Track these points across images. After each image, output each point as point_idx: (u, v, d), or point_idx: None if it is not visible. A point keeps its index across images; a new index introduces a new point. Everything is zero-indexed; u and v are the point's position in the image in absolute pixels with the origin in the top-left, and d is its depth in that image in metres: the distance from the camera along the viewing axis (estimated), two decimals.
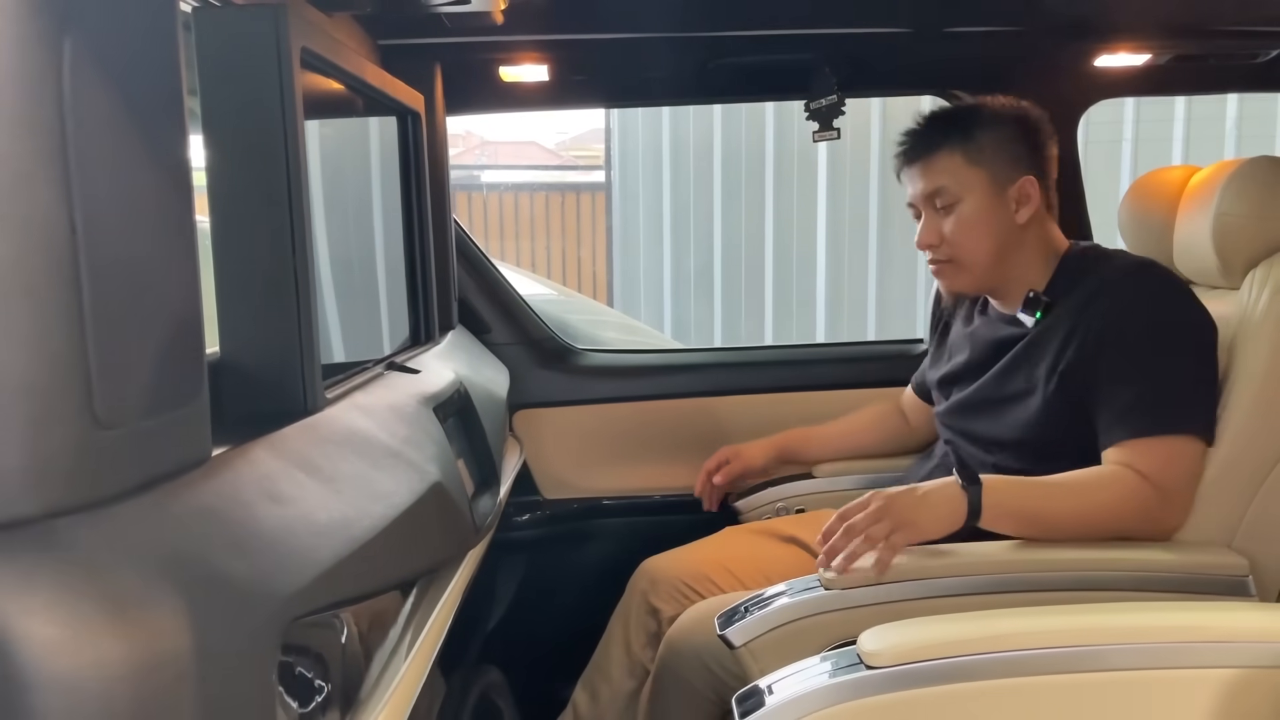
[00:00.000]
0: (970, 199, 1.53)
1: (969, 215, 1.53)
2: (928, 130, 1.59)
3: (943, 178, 1.54)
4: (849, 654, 1.16)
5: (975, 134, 1.54)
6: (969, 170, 1.53)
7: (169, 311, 0.69)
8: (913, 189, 1.58)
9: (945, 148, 1.54)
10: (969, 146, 1.53)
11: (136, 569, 0.61)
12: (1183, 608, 1.22)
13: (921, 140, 1.58)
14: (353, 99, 1.33)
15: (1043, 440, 1.46)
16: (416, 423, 1.14)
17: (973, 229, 1.53)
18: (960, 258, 1.55)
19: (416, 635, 1.05)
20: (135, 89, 0.66)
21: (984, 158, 1.53)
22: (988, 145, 1.53)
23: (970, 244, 1.54)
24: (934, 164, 1.55)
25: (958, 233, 1.54)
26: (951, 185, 1.53)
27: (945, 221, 1.55)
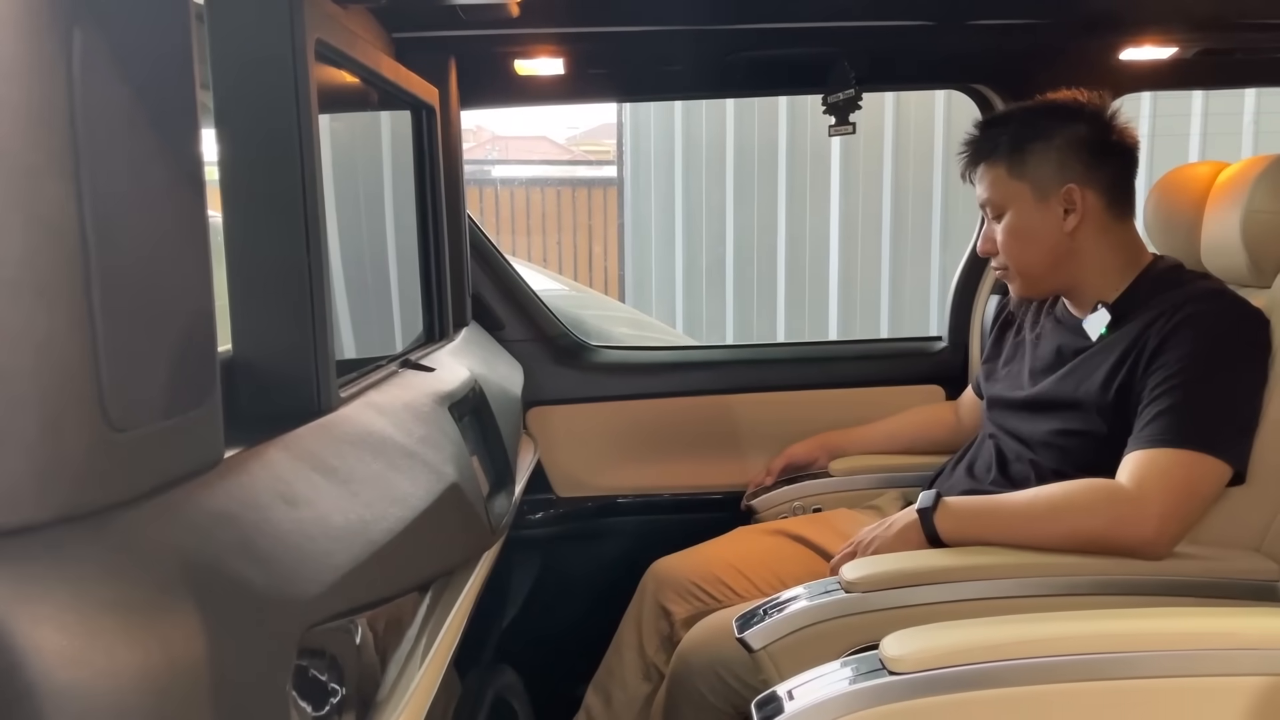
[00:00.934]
0: (1014, 211, 1.53)
1: (1014, 227, 1.54)
2: (977, 140, 1.60)
3: (988, 190, 1.55)
4: (871, 659, 1.13)
5: (1022, 144, 1.52)
6: (1011, 183, 1.53)
7: (181, 310, 0.67)
8: (976, 197, 1.61)
9: (990, 160, 1.55)
10: (1013, 158, 1.52)
11: (149, 575, 0.59)
12: (1214, 613, 1.19)
13: (971, 151, 1.60)
14: (367, 92, 1.31)
15: (1086, 448, 1.44)
16: (433, 421, 1.13)
17: (1019, 240, 1.54)
18: (1013, 266, 1.56)
19: (433, 637, 1.03)
20: (147, 81, 0.64)
21: (1027, 169, 1.51)
22: (1032, 155, 1.51)
23: (1019, 254, 1.55)
24: (983, 176, 1.56)
25: (1007, 243, 1.55)
26: (996, 197, 1.55)
27: (998, 231, 1.56)
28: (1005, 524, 1.37)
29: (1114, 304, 1.49)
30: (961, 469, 1.64)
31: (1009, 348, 1.71)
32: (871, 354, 2.33)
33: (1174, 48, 1.90)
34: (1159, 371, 1.36)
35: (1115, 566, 1.31)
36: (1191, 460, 1.30)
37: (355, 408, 1.00)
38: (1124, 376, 1.40)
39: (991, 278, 2.14)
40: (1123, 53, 1.92)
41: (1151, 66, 1.96)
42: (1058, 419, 1.49)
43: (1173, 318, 1.38)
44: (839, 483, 1.93)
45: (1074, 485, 1.35)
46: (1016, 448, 1.54)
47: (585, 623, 1.92)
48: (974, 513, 1.40)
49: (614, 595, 1.84)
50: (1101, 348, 1.47)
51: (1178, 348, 1.36)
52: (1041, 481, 1.45)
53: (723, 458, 2.15)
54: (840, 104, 1.93)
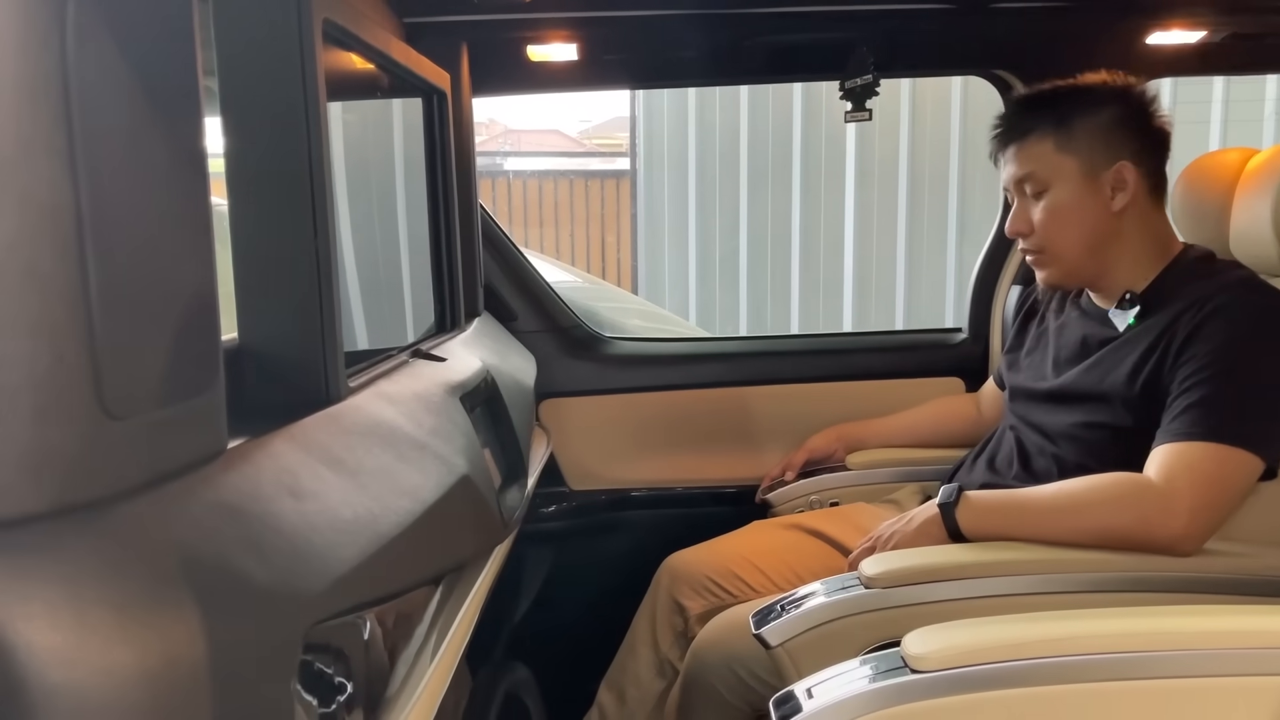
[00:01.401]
0: (1060, 187, 1.47)
1: (1058, 204, 1.47)
2: (1019, 113, 1.52)
3: (1032, 163, 1.47)
4: (892, 656, 1.10)
5: (1069, 118, 1.46)
6: (1059, 157, 1.46)
7: (182, 295, 0.65)
8: (1005, 173, 1.53)
9: (1036, 132, 1.47)
10: (1061, 131, 1.46)
11: (147, 570, 0.57)
12: (1245, 611, 1.16)
13: (1013, 123, 1.52)
14: (377, 77, 1.28)
15: (1110, 441, 1.40)
16: (444, 413, 1.10)
17: (1062, 218, 1.47)
18: (1050, 248, 1.49)
19: (444, 632, 1.01)
20: (146, 56, 0.61)
21: (1077, 144, 1.45)
22: (1081, 130, 1.45)
23: (1060, 234, 1.48)
24: (1025, 149, 1.48)
25: (1047, 222, 1.48)
26: (1041, 172, 1.47)
27: (1035, 210, 1.49)
28: (1029, 519, 1.33)
29: (1143, 294, 1.45)
30: (982, 462, 1.61)
31: (1032, 337, 1.67)
32: (890, 346, 2.30)
33: (1202, 31, 1.86)
34: (1188, 364, 1.32)
35: (1143, 563, 1.27)
36: (1222, 454, 1.26)
37: (364, 398, 0.97)
38: (1151, 369, 1.36)
39: (1013, 268, 2.10)
40: (1150, 36, 1.88)
41: (1178, 51, 1.91)
42: (1081, 411, 1.45)
43: (1203, 309, 1.34)
44: (856, 476, 1.90)
45: (1100, 479, 1.31)
46: (1038, 440, 1.51)
47: (598, 618, 1.90)
48: (997, 507, 1.37)
49: (628, 590, 1.82)
50: (1128, 339, 1.43)
51: (1208, 339, 1.32)
52: (1064, 475, 1.42)
53: (737, 451, 2.13)
54: (858, 90, 1.90)
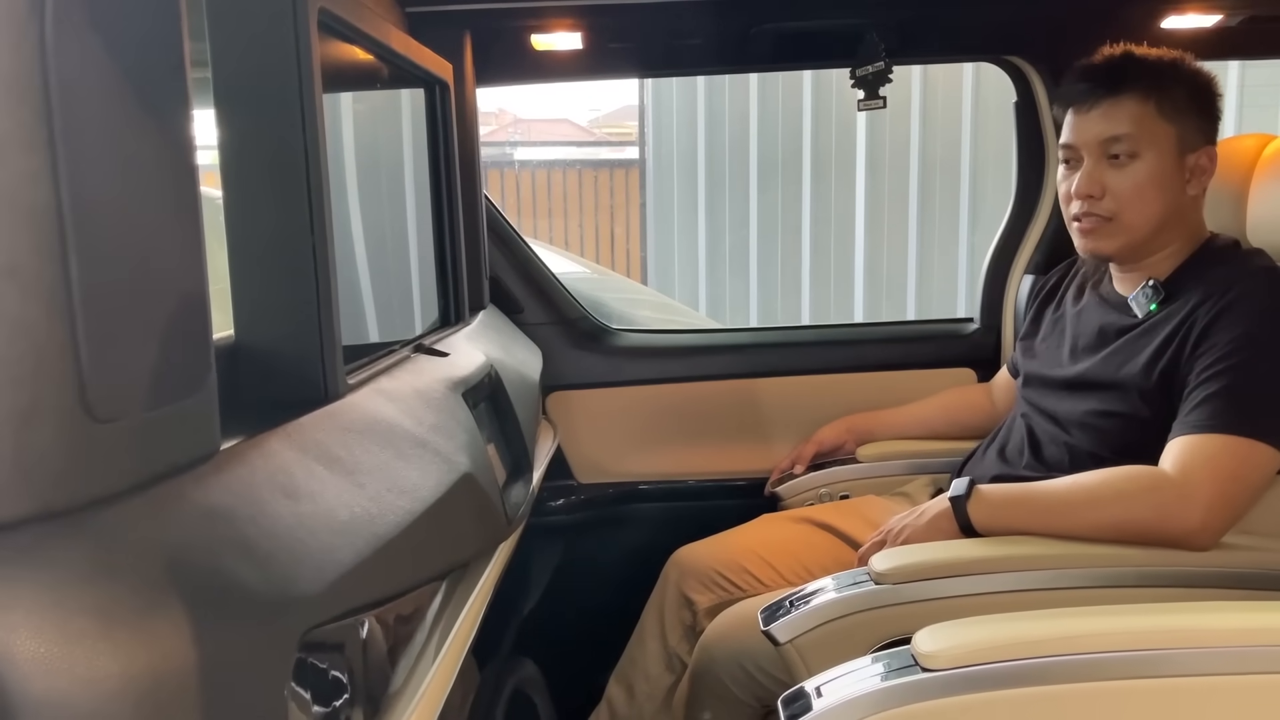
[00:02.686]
0: (1151, 156, 1.38)
1: (1145, 174, 1.39)
2: (1120, 68, 1.41)
3: (1129, 125, 1.38)
4: (903, 654, 1.08)
5: (1171, 86, 1.39)
6: (1159, 124, 1.38)
7: (171, 293, 0.63)
8: (1082, 132, 1.42)
9: (1138, 92, 1.38)
10: (1164, 97, 1.38)
11: (134, 576, 0.55)
12: (1264, 608, 1.13)
13: (1112, 78, 1.40)
14: (377, 68, 1.26)
15: (1124, 431, 1.38)
16: (445, 409, 1.08)
17: (1147, 189, 1.39)
18: (1124, 217, 1.40)
19: (449, 628, 1.00)
20: (130, 47, 0.60)
21: (1177, 115, 1.38)
22: (1182, 102, 1.39)
23: (1139, 205, 1.39)
24: (1121, 107, 1.38)
25: (1129, 189, 1.39)
26: (1137, 134, 1.38)
27: (1115, 175, 1.40)
28: (1043, 513, 1.31)
29: (1166, 280, 1.42)
30: (993, 453, 1.59)
31: (1047, 323, 1.64)
32: (901, 336, 2.27)
33: (1219, 15, 1.82)
34: (1207, 354, 1.29)
35: (1159, 558, 1.25)
36: (1240, 447, 1.24)
37: (363, 395, 0.96)
38: (1169, 359, 1.33)
39: (1026, 256, 2.07)
40: (1166, 20, 1.84)
41: (1194, 35, 1.88)
42: (1096, 399, 1.42)
43: (1222, 298, 1.31)
44: (867, 469, 1.88)
45: (1115, 472, 1.29)
46: (1050, 429, 1.48)
47: (607, 611, 1.89)
48: (1010, 501, 1.34)
49: (636, 584, 1.80)
50: (1147, 328, 1.40)
51: (1227, 330, 1.29)
52: (1077, 464, 1.39)
53: (747, 443, 2.11)
54: (869, 78, 1.87)
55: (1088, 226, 1.44)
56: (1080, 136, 1.43)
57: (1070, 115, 1.45)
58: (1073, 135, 1.44)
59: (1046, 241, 2.04)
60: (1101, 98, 1.40)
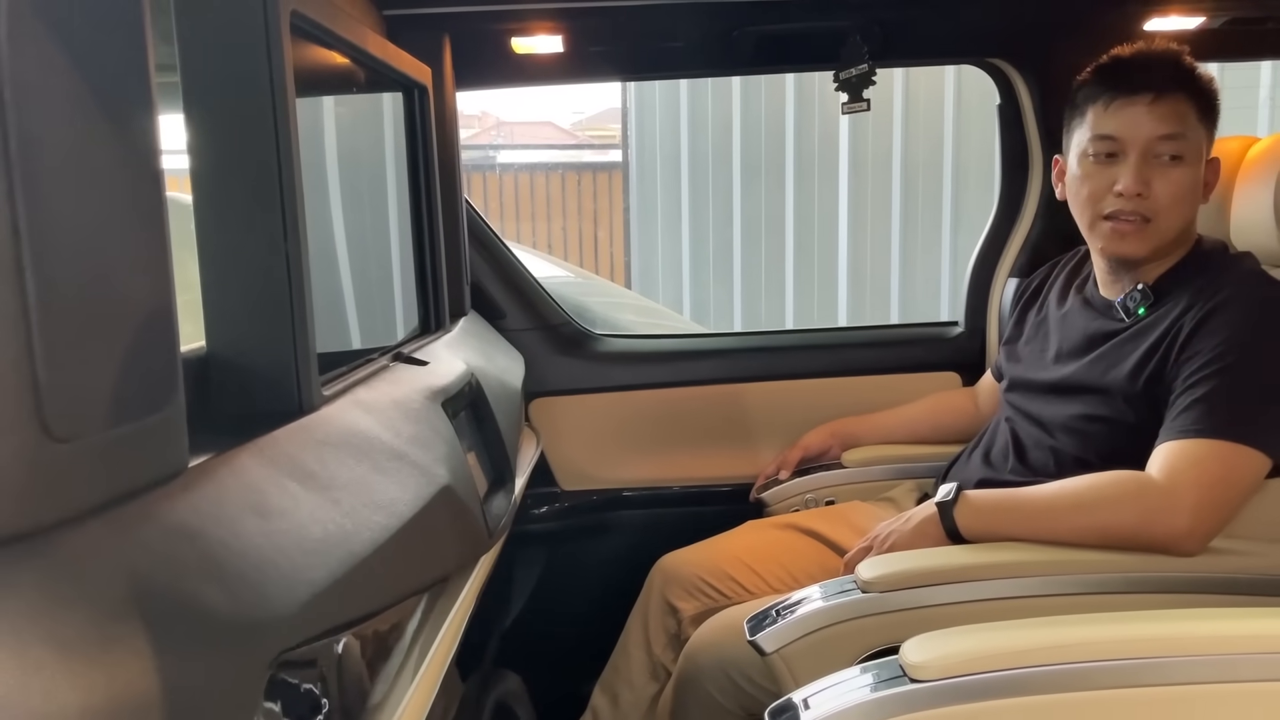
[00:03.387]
0: (1191, 161, 1.35)
1: (1187, 180, 1.35)
2: (1173, 65, 1.35)
3: (1180, 124, 1.32)
4: (891, 664, 1.07)
5: (1206, 92, 1.35)
6: (1199, 128, 1.35)
7: (135, 304, 0.61)
8: (1132, 125, 1.34)
9: (1180, 94, 1.33)
10: (1201, 102, 1.34)
11: (95, 603, 0.53)
12: (1254, 614, 1.12)
13: (1169, 74, 1.34)
14: (355, 71, 1.24)
15: (1110, 435, 1.37)
16: (424, 419, 1.06)
17: (1186, 195, 1.35)
18: (1160, 220, 1.34)
19: (430, 641, 0.98)
20: (91, 50, 0.57)
21: (1206, 122, 1.36)
22: (1208, 110, 1.36)
23: (1178, 210, 1.35)
24: (1176, 105, 1.33)
25: (1171, 193, 1.33)
26: (1185, 137, 1.33)
27: (1160, 175, 1.34)
28: (1029, 518, 1.30)
29: (1154, 284, 1.41)
30: (978, 457, 1.58)
31: (1031, 326, 1.63)
32: (885, 340, 2.26)
33: (1201, 17, 1.83)
34: (1193, 359, 1.29)
35: (1147, 563, 1.24)
36: (1226, 451, 1.23)
37: (339, 406, 0.93)
38: (1155, 365, 1.33)
39: (1010, 259, 2.06)
40: (1148, 22, 1.84)
41: (1178, 37, 1.87)
42: (1081, 404, 1.42)
43: (1207, 303, 1.31)
44: (852, 474, 1.87)
45: (1102, 477, 1.28)
46: (1035, 433, 1.47)
47: (591, 620, 1.87)
48: (996, 507, 1.33)
49: (621, 591, 1.79)
50: (1133, 333, 1.39)
51: (1213, 334, 1.28)
52: (1062, 468, 1.39)
53: (732, 449, 2.09)
54: (853, 80, 1.86)
55: (1125, 228, 1.37)
56: (1129, 130, 1.35)
57: (1114, 106, 1.36)
58: (1117, 127, 1.35)
59: (1030, 244, 2.03)
60: (1160, 93, 1.33)
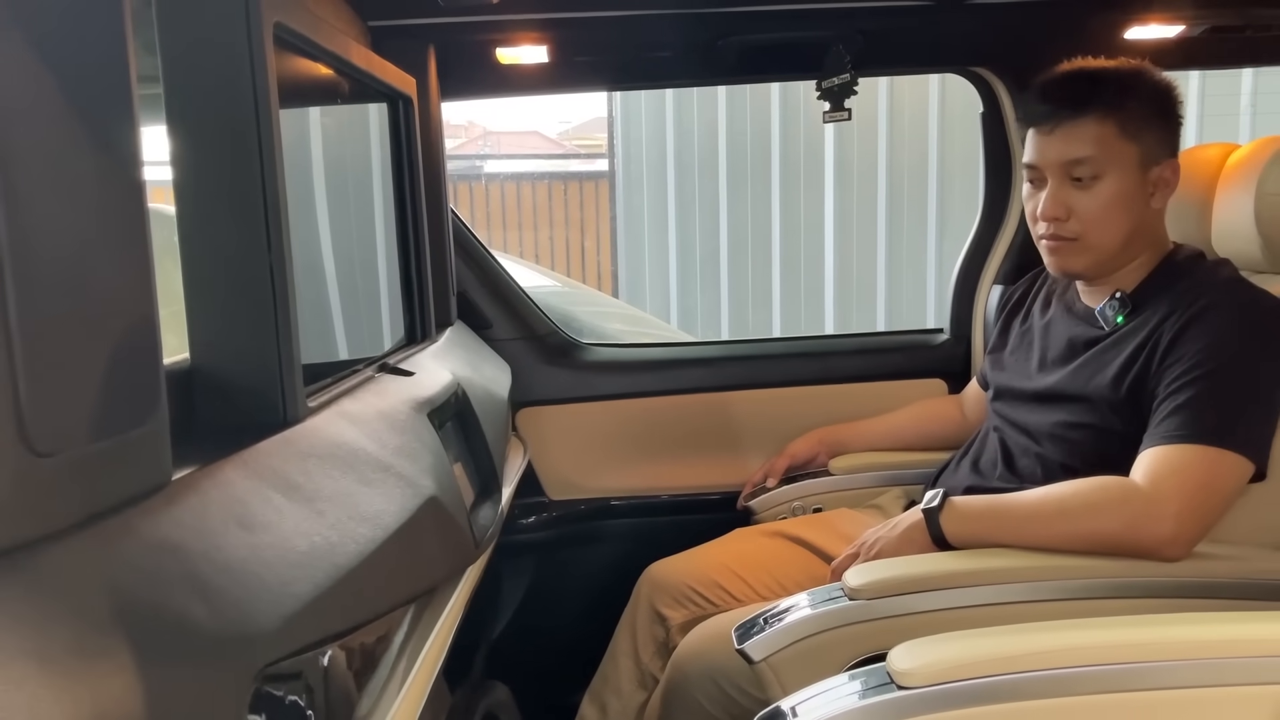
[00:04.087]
0: (1114, 175, 1.37)
1: (1110, 194, 1.38)
2: (1077, 90, 1.39)
3: (1090, 147, 1.36)
4: (879, 671, 1.07)
5: (1129, 103, 1.37)
6: (1120, 143, 1.37)
7: (118, 318, 0.61)
8: (1043, 153, 1.41)
9: (1096, 113, 1.36)
10: (1125, 117, 1.37)
11: (78, 618, 0.53)
12: (1239, 619, 1.13)
13: (1071, 100, 1.38)
14: (340, 81, 1.24)
15: (1095, 442, 1.38)
16: (410, 430, 1.06)
17: (1112, 209, 1.38)
18: (1089, 238, 1.39)
19: (416, 654, 0.97)
20: (72, 60, 0.57)
21: (1141, 132, 1.37)
22: (1141, 118, 1.38)
23: (1105, 225, 1.39)
24: (1081, 130, 1.37)
25: (1094, 210, 1.38)
26: (1099, 157, 1.36)
27: (1079, 196, 1.38)
28: (1015, 525, 1.31)
29: (1132, 292, 1.42)
30: (966, 465, 1.58)
31: (1015, 335, 1.64)
32: (871, 348, 2.27)
33: (1181, 25, 1.84)
34: (1175, 366, 1.29)
35: (1132, 569, 1.25)
36: (1210, 456, 1.24)
37: (325, 418, 0.93)
38: (1137, 372, 1.34)
39: (994, 267, 2.08)
40: (1128, 31, 1.86)
41: (1157, 45, 1.89)
42: (1066, 411, 1.43)
43: (1188, 310, 1.32)
44: (839, 481, 1.87)
45: (1086, 484, 1.29)
46: (1022, 441, 1.48)
47: (580, 629, 1.87)
48: (982, 513, 1.34)
49: (609, 600, 1.78)
50: (1115, 340, 1.40)
51: (1194, 341, 1.29)
52: (1049, 475, 1.39)
53: (719, 457, 2.10)
54: (835, 89, 1.87)
55: (1054, 246, 1.43)
56: (1042, 158, 1.41)
57: (1031, 135, 1.43)
58: (1035, 156, 1.43)
59: (1014, 252, 2.05)
60: (1063, 119, 1.38)
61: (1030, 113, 1.44)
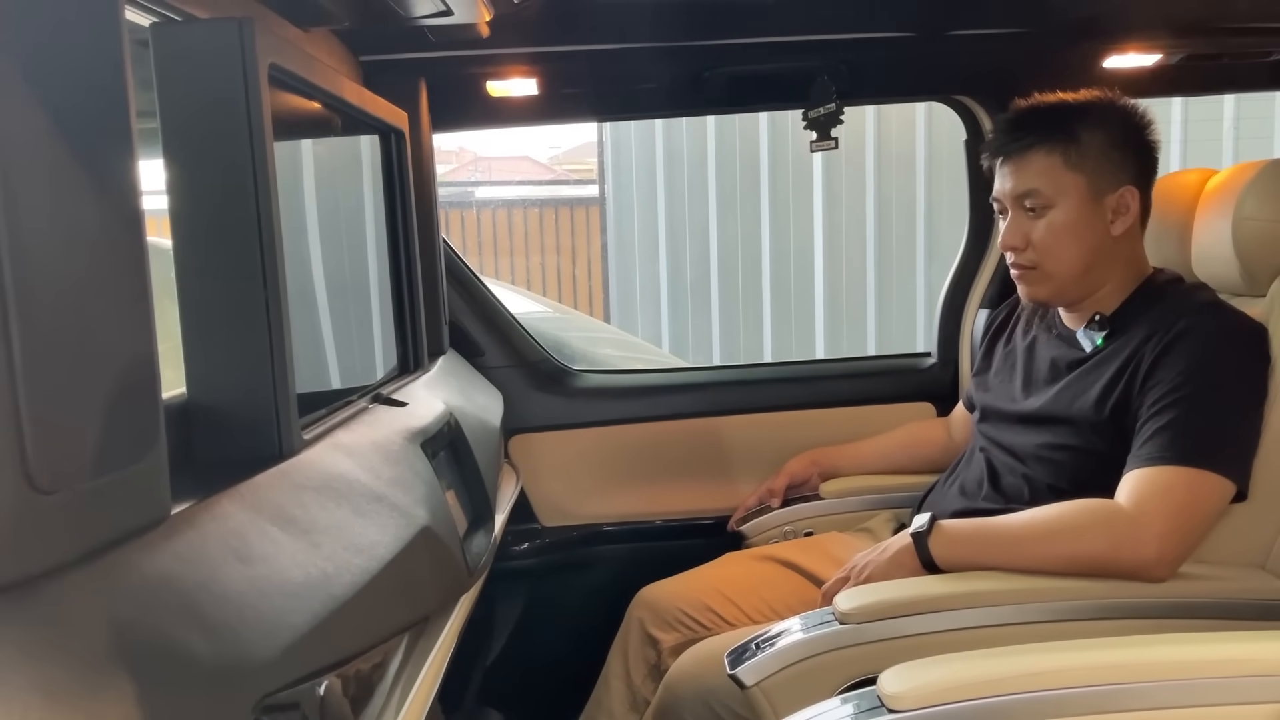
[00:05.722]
0: (1064, 205, 1.42)
1: (1061, 223, 1.43)
2: (1025, 125, 1.46)
3: (1036, 180, 1.42)
4: (869, 695, 1.08)
5: (1079, 134, 1.42)
6: (1066, 174, 1.42)
7: (118, 356, 0.62)
8: (1001, 186, 1.48)
9: (1043, 147, 1.42)
10: (1070, 148, 1.42)
11: (79, 651, 0.54)
12: (1225, 639, 1.14)
13: (1017, 135, 1.45)
14: (332, 117, 1.26)
15: (1080, 463, 1.40)
16: (403, 461, 1.07)
17: (1063, 238, 1.43)
18: (1045, 266, 1.45)
19: (412, 681, 0.98)
20: (71, 100, 0.59)
21: (1085, 162, 1.42)
22: (1091, 148, 1.42)
23: (1058, 253, 1.43)
24: (1028, 163, 1.43)
25: (1047, 240, 1.43)
26: (1045, 189, 1.42)
27: (1034, 226, 1.44)
28: (1002, 547, 1.32)
29: (1112, 315, 1.45)
30: (953, 487, 1.60)
31: (999, 358, 1.66)
32: (860, 372, 2.29)
33: (1158, 54, 1.88)
34: (1156, 388, 1.32)
35: (1118, 590, 1.26)
36: (1192, 478, 1.26)
37: (319, 450, 0.94)
38: (1120, 394, 1.36)
39: (980, 291, 2.10)
40: (1107, 60, 1.89)
41: (1136, 74, 1.93)
42: (1050, 433, 1.44)
43: (1168, 333, 1.34)
44: (830, 505, 1.88)
45: (1071, 506, 1.30)
46: (1009, 461, 1.50)
47: (573, 654, 1.87)
48: (970, 536, 1.35)
49: (602, 626, 1.79)
50: (1097, 363, 1.42)
51: (1174, 363, 1.32)
52: (1035, 495, 1.41)
53: (711, 482, 2.11)
54: (821, 119, 1.89)
55: (1019, 274, 1.49)
56: (999, 190, 1.48)
57: (994, 169, 1.50)
58: (996, 188, 1.50)
59: (1000, 276, 2.07)
60: (1012, 153, 1.45)
61: (988, 146, 1.51)
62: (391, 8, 1.19)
